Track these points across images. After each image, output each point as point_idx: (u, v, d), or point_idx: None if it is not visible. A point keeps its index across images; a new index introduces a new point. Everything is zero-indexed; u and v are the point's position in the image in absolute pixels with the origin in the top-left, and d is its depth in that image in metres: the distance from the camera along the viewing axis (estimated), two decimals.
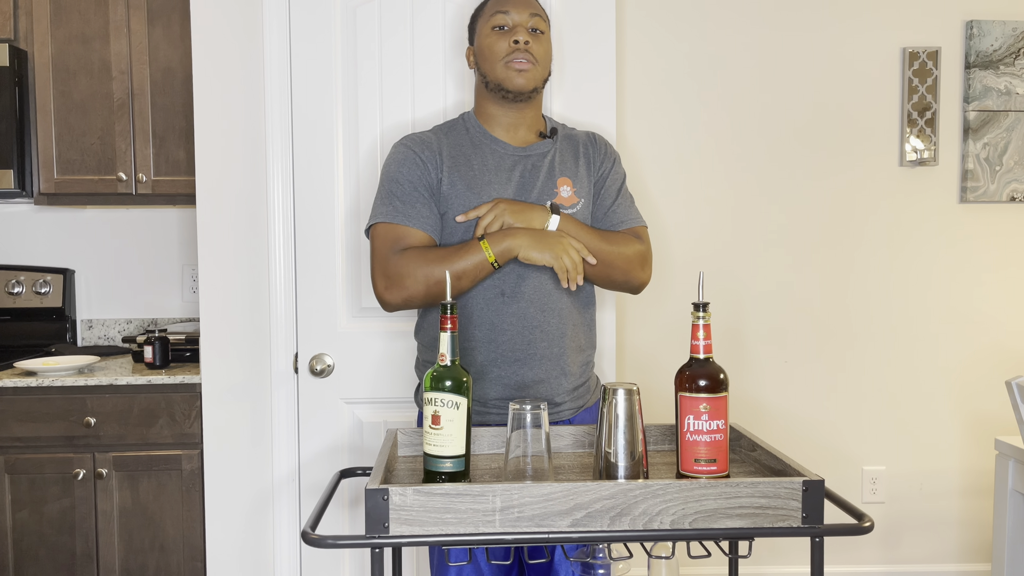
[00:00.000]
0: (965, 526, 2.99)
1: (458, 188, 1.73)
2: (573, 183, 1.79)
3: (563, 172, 1.79)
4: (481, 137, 1.79)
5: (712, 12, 2.86)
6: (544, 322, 1.73)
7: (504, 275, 1.71)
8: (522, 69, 1.72)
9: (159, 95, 2.64)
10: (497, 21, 1.75)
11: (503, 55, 1.73)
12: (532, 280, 1.73)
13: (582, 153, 1.84)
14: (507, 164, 1.77)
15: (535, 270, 1.72)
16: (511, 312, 1.72)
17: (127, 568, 2.44)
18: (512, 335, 1.72)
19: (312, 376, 2.28)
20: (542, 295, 1.73)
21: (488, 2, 1.80)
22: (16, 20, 2.63)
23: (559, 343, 1.75)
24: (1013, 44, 2.89)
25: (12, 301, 2.89)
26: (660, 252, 2.88)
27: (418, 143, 1.78)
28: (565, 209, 1.75)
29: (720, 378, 1.39)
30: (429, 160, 1.75)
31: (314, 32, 2.24)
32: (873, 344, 2.94)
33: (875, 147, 2.91)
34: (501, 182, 1.75)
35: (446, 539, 1.27)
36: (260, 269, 2.31)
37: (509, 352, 1.73)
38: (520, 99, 1.76)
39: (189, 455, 2.42)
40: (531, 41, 1.73)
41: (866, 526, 1.30)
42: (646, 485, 1.28)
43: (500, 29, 1.75)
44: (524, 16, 1.75)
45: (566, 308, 1.77)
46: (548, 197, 1.75)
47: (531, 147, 1.80)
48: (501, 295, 1.72)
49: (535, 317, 1.73)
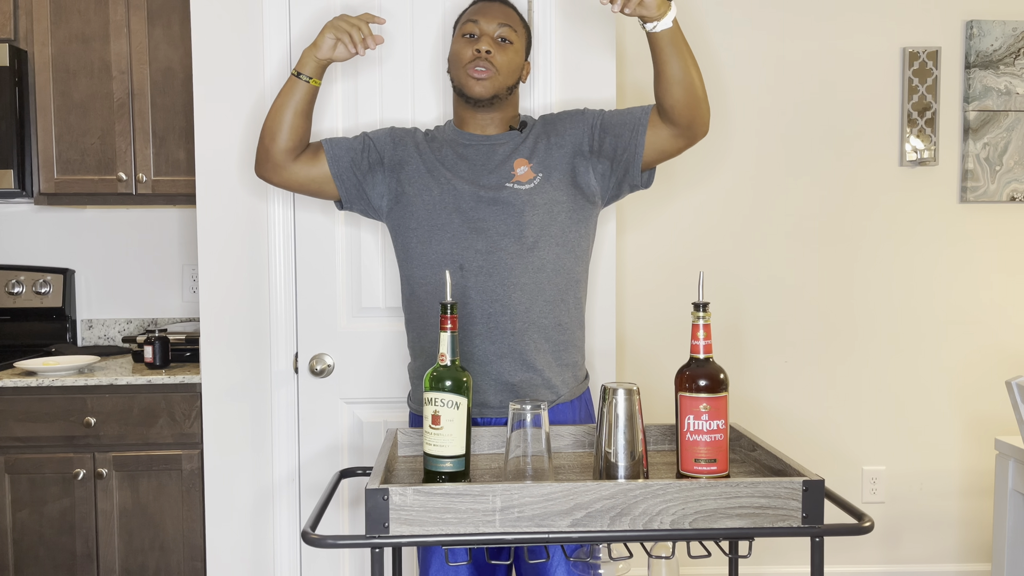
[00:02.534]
0: (965, 526, 2.99)
1: (420, 170, 1.83)
2: (530, 160, 1.82)
3: (520, 154, 1.83)
4: (452, 133, 1.89)
5: (712, 12, 2.86)
6: (505, 297, 1.75)
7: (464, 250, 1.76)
8: (480, 78, 1.77)
9: (159, 95, 2.64)
10: (467, 29, 1.81)
11: (465, 62, 1.79)
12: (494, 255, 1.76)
13: (541, 131, 1.86)
14: (470, 152, 1.84)
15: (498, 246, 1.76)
16: (470, 286, 1.76)
17: (127, 568, 2.44)
18: (471, 309, 1.76)
19: (312, 376, 2.29)
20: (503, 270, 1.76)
21: (466, 11, 1.87)
22: (16, 20, 2.63)
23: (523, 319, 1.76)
24: (1013, 44, 2.89)
25: (12, 301, 2.89)
26: (661, 251, 2.88)
27: (401, 132, 1.92)
28: (521, 185, 1.78)
29: (720, 378, 1.39)
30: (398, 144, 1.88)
31: (314, 32, 2.24)
32: (873, 344, 2.94)
33: (875, 147, 2.91)
34: (456, 159, 1.83)
35: (446, 539, 1.27)
36: (260, 269, 2.31)
37: (470, 327, 1.76)
38: (481, 105, 1.81)
39: (189, 455, 2.42)
40: (494, 50, 1.78)
41: (866, 526, 1.30)
42: (646, 485, 1.28)
43: (469, 37, 1.81)
44: (492, 26, 1.80)
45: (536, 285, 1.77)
46: (505, 179, 1.79)
47: (493, 136, 1.86)
48: (460, 269, 1.76)
49: (495, 291, 1.75)
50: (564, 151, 1.82)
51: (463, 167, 1.82)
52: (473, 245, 1.76)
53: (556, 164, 1.81)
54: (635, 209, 2.87)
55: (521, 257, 1.75)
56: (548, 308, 1.78)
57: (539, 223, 1.76)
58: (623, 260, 2.88)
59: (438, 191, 1.79)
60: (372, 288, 2.28)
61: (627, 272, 2.89)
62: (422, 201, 1.80)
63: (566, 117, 1.87)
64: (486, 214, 1.76)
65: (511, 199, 1.76)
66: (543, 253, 1.77)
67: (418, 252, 1.80)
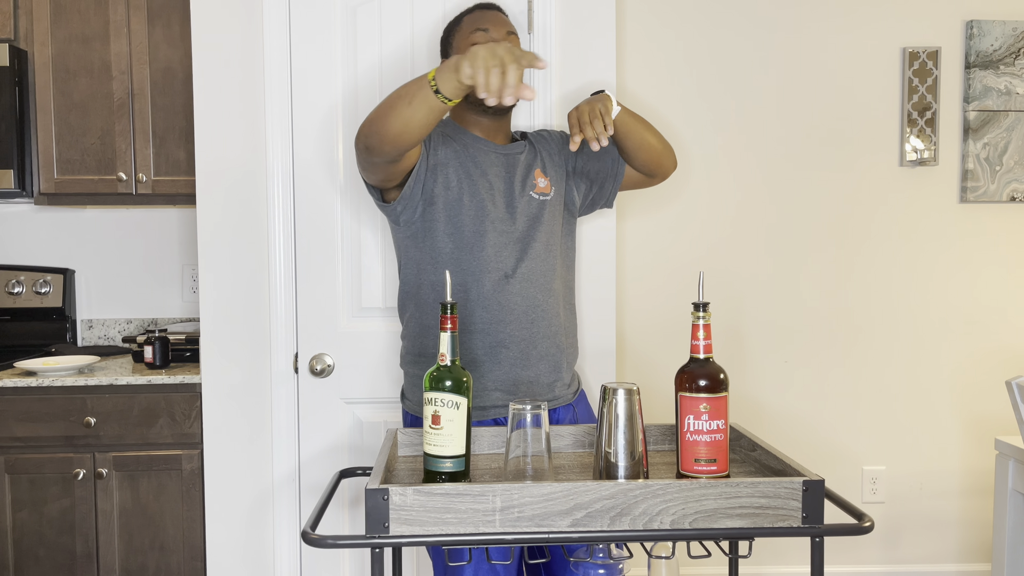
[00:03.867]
0: (965, 526, 2.99)
1: (461, 175, 1.79)
2: (545, 173, 1.90)
3: (538, 166, 1.90)
4: (466, 137, 1.86)
5: (713, 11, 2.86)
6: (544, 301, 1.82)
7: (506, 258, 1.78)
8: None
9: (159, 95, 2.64)
10: (477, 38, 1.82)
11: None
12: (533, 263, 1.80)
13: (546, 148, 1.94)
14: (496, 160, 1.85)
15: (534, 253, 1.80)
16: (516, 292, 1.79)
17: (127, 568, 2.44)
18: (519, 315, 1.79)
19: (312, 376, 2.29)
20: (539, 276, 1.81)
21: (464, 19, 1.87)
22: (16, 20, 2.63)
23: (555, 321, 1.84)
24: (1013, 44, 2.89)
25: (12, 301, 2.89)
26: (660, 251, 2.88)
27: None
28: (544, 196, 1.86)
29: (720, 378, 1.39)
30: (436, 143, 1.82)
31: (314, 32, 2.24)
32: (873, 344, 2.94)
33: (875, 147, 2.91)
34: (493, 175, 1.83)
35: (446, 539, 1.27)
36: (260, 269, 2.31)
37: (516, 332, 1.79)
38: (499, 112, 1.84)
39: (189, 455, 2.42)
40: None
41: (866, 526, 1.30)
42: (646, 485, 1.28)
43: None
44: (502, 34, 1.83)
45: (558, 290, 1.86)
46: (530, 188, 1.85)
47: (511, 147, 1.89)
48: (505, 277, 1.78)
49: (536, 297, 1.80)
50: (562, 170, 1.94)
51: (496, 176, 1.83)
52: (514, 253, 1.80)
53: (558, 180, 1.92)
54: (635, 209, 2.87)
55: (548, 263, 1.84)
56: (566, 312, 1.89)
57: (553, 232, 1.87)
58: (623, 260, 2.88)
59: (478, 199, 1.79)
60: (372, 288, 2.28)
61: (627, 272, 2.89)
62: (462, 207, 1.78)
63: (559, 138, 1.99)
64: (520, 223, 1.82)
65: (538, 210, 1.85)
66: (555, 262, 1.87)
67: (455, 258, 1.78)
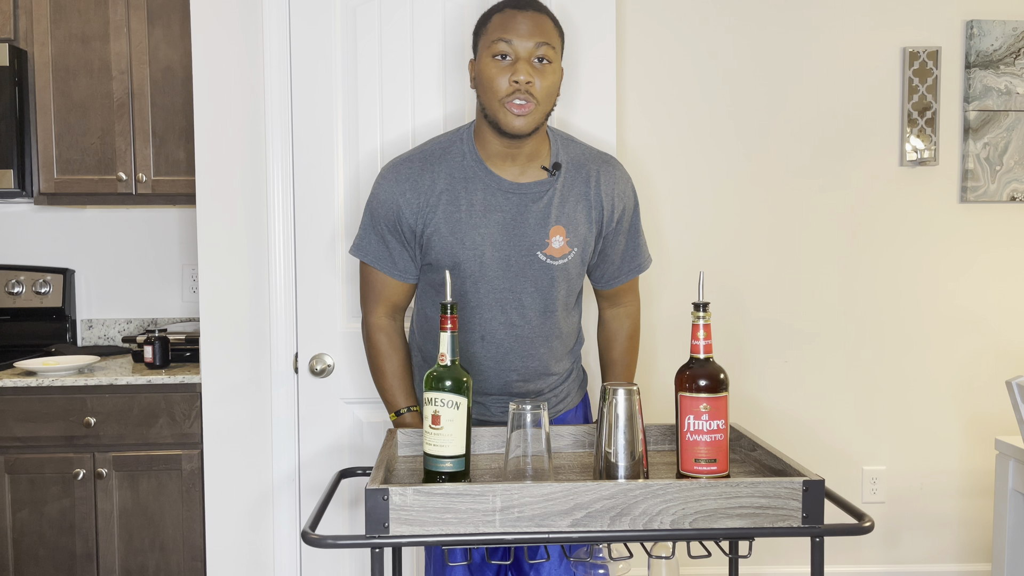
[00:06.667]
0: (965, 526, 2.99)
1: (442, 232, 1.66)
2: (567, 232, 1.69)
3: (559, 219, 1.68)
4: (476, 168, 1.67)
5: (712, 12, 2.86)
6: (522, 367, 1.76)
7: (487, 321, 1.71)
8: (520, 113, 1.57)
9: (159, 95, 2.64)
10: (499, 49, 1.58)
11: (502, 94, 1.58)
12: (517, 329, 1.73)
13: (587, 195, 1.72)
14: (497, 202, 1.67)
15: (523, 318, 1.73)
16: (489, 356, 1.74)
17: (127, 568, 2.44)
18: (489, 376, 1.75)
19: (312, 376, 2.28)
20: (525, 344, 1.74)
21: (492, 19, 1.62)
22: (16, 20, 2.63)
23: (536, 383, 1.79)
24: (1013, 44, 2.89)
25: (12, 301, 2.89)
26: (661, 251, 2.88)
27: (406, 183, 1.68)
28: (554, 260, 1.69)
29: (720, 378, 1.38)
30: (414, 203, 1.67)
31: (314, 32, 2.24)
32: (873, 343, 2.94)
33: (875, 147, 2.91)
34: (488, 224, 1.66)
35: (446, 539, 1.27)
36: (260, 269, 2.31)
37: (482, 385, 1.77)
38: (515, 136, 1.61)
39: (189, 455, 2.42)
40: (534, 78, 1.57)
41: (866, 526, 1.30)
42: (646, 485, 1.28)
43: (501, 58, 1.58)
44: (529, 46, 1.57)
45: (550, 351, 1.78)
46: (538, 247, 1.67)
47: (528, 185, 1.68)
48: (481, 339, 1.73)
49: (513, 363, 1.74)
50: (598, 229, 1.74)
51: (491, 225, 1.66)
52: (496, 317, 1.71)
53: (587, 240, 1.73)
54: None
55: (542, 328, 1.75)
56: (557, 364, 1.81)
57: (563, 294, 1.75)
58: None
59: (462, 257, 1.66)
60: None
61: None
62: (444, 265, 1.68)
63: (616, 195, 1.74)
64: (514, 284, 1.69)
65: (541, 273, 1.69)
66: (558, 316, 1.77)
67: (436, 320, 1.75)
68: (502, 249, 1.67)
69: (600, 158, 1.77)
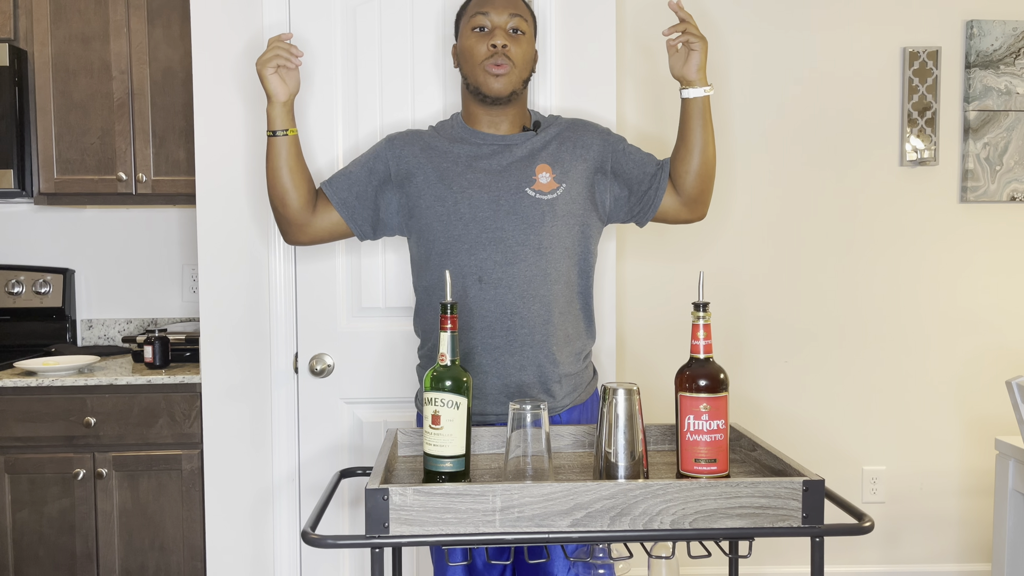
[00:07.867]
0: (965, 526, 2.99)
1: (430, 179, 1.79)
2: (553, 168, 1.79)
3: (544, 159, 1.80)
4: (462, 132, 1.84)
5: (713, 11, 2.86)
6: (524, 309, 1.74)
7: (482, 261, 1.73)
8: (498, 73, 1.74)
9: (159, 95, 2.64)
10: (477, 22, 1.76)
11: (481, 58, 1.75)
12: (513, 267, 1.73)
13: (567, 137, 1.84)
14: (484, 152, 1.80)
15: (517, 257, 1.73)
16: (489, 299, 1.73)
17: (127, 568, 2.44)
18: (491, 322, 1.73)
19: (312, 376, 2.28)
20: (523, 282, 1.73)
21: (470, 2, 1.82)
22: (16, 20, 2.63)
23: (542, 330, 1.75)
24: (1013, 44, 2.89)
25: (12, 301, 2.89)
26: (660, 251, 2.88)
27: (401, 140, 1.86)
28: (543, 195, 1.76)
29: (720, 378, 1.39)
30: (402, 156, 1.82)
31: (314, 32, 2.24)
32: (873, 343, 2.94)
33: (875, 147, 2.91)
34: (475, 171, 1.78)
35: (446, 539, 1.27)
36: (260, 269, 2.31)
37: (489, 339, 1.74)
38: (499, 102, 1.77)
39: (189, 455, 2.42)
40: (509, 44, 1.75)
41: (866, 526, 1.30)
42: (646, 485, 1.28)
43: (480, 30, 1.76)
44: (504, 17, 1.76)
45: (551, 296, 1.76)
46: (526, 184, 1.76)
47: (511, 137, 1.82)
48: (479, 281, 1.73)
49: (514, 304, 1.73)
50: (587, 164, 1.82)
51: (478, 171, 1.77)
52: (491, 256, 1.73)
53: (579, 176, 1.81)
54: None
55: (539, 268, 1.75)
56: (561, 320, 1.78)
57: (556, 234, 1.76)
58: (623, 259, 2.88)
59: (452, 201, 1.75)
60: (372, 288, 2.28)
61: (627, 271, 2.89)
62: (435, 212, 1.77)
63: (592, 129, 1.87)
64: (504, 223, 1.74)
65: (531, 208, 1.75)
66: (558, 265, 1.77)
67: (436, 264, 1.77)
68: (491, 190, 1.76)
69: (570, 118, 1.92)
